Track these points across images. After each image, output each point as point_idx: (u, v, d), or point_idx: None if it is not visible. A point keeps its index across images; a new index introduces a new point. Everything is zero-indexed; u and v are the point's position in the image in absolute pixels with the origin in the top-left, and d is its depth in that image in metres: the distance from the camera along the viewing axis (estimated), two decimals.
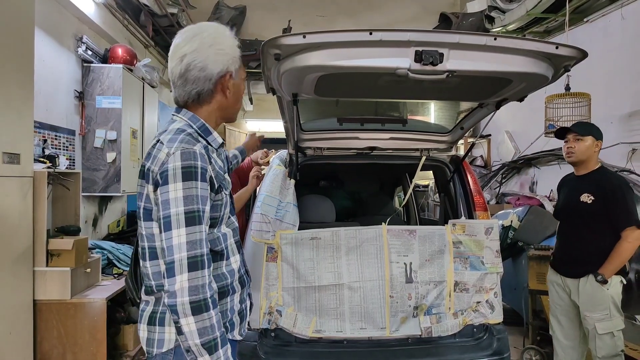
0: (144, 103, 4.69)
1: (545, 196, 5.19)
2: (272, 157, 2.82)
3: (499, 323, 2.50)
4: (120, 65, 4.06)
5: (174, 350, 1.30)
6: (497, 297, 2.52)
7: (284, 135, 2.84)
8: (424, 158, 2.89)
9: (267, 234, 2.41)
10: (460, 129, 2.86)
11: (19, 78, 2.67)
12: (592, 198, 2.65)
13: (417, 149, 3.01)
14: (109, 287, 3.19)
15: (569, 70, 1.88)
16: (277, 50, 1.69)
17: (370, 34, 1.62)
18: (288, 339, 2.37)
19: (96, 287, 3.18)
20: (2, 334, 2.51)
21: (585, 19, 4.86)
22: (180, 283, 1.17)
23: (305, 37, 1.64)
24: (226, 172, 1.46)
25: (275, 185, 2.53)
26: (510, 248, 4.08)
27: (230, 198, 1.49)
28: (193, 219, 1.21)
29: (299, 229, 2.48)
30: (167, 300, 1.19)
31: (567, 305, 2.81)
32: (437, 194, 3.65)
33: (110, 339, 3.16)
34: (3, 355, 2.51)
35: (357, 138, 2.92)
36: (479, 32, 3.58)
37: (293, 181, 2.60)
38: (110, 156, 4.00)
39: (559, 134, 2.84)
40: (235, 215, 1.53)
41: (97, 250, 3.56)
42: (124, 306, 3.56)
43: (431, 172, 3.50)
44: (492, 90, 2.18)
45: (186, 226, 1.20)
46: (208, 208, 1.27)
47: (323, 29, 1.69)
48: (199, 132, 1.37)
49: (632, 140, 4.22)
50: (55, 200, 3.23)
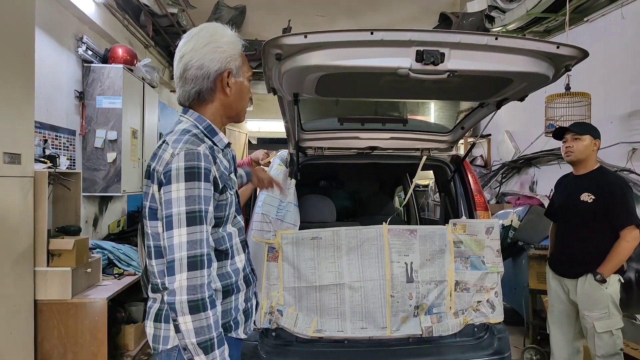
0: (144, 103, 4.69)
1: (546, 196, 5.20)
2: (272, 157, 2.83)
3: (499, 322, 2.50)
4: (121, 65, 4.06)
5: (179, 346, 1.31)
6: (498, 297, 2.52)
7: (284, 135, 2.84)
8: (424, 158, 2.89)
9: (268, 234, 2.41)
10: (460, 129, 2.87)
11: (20, 78, 2.67)
12: (593, 197, 2.65)
13: (417, 149, 3.01)
14: (110, 287, 3.19)
15: (570, 70, 1.89)
16: (278, 50, 1.69)
17: (372, 33, 1.62)
18: (289, 338, 2.37)
19: (97, 287, 3.18)
20: (3, 334, 2.51)
21: (586, 19, 4.86)
22: (179, 282, 1.18)
23: (306, 37, 1.64)
24: (232, 173, 1.46)
25: None
26: (510, 248, 4.08)
27: (237, 198, 1.49)
28: (194, 218, 1.22)
29: (299, 229, 2.48)
30: (166, 298, 1.21)
31: (565, 303, 2.82)
32: (437, 193, 3.66)
33: (111, 339, 3.16)
34: (4, 355, 2.51)
35: (357, 138, 2.92)
36: (480, 32, 3.58)
37: (294, 181, 2.60)
38: (111, 156, 4.00)
39: (557, 135, 2.86)
40: (241, 215, 1.54)
41: (97, 250, 3.56)
42: (124, 306, 3.57)
43: (431, 171, 3.50)
44: (492, 90, 2.18)
45: (187, 226, 1.21)
46: (211, 208, 1.27)
47: (323, 28, 1.69)
48: (205, 132, 1.38)
49: (632, 139, 4.22)
50: (55, 201, 3.23)
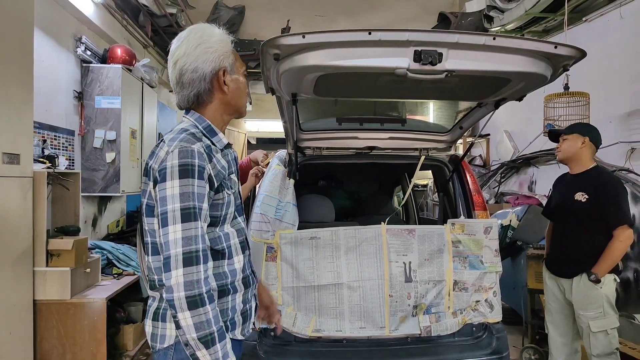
0: (143, 103, 4.69)
1: (544, 195, 5.20)
2: (271, 158, 2.83)
3: (498, 322, 2.50)
4: (119, 66, 4.06)
5: (174, 346, 1.33)
6: (496, 296, 2.52)
7: (283, 135, 2.84)
8: (423, 157, 2.90)
9: (267, 234, 2.41)
10: (459, 129, 2.87)
11: (19, 78, 2.67)
12: (586, 196, 2.67)
13: (416, 149, 3.01)
14: (109, 287, 3.19)
15: (568, 70, 1.89)
16: (276, 50, 1.70)
17: (369, 33, 1.63)
18: (287, 338, 2.37)
19: (96, 287, 3.18)
20: (2, 334, 2.51)
21: (584, 19, 4.86)
22: (175, 278, 1.19)
23: (304, 37, 1.64)
24: (233, 173, 1.47)
25: (274, 185, 2.53)
26: (509, 247, 4.08)
27: (238, 199, 1.49)
28: (189, 215, 1.22)
29: (298, 229, 2.48)
30: (165, 295, 1.21)
31: (561, 303, 2.83)
32: (436, 193, 3.66)
33: (110, 339, 3.16)
34: (3, 355, 2.51)
35: (356, 138, 2.92)
36: (477, 32, 3.59)
37: (292, 181, 2.60)
38: (110, 156, 4.00)
39: (552, 138, 2.92)
40: (243, 216, 1.54)
41: (96, 250, 3.56)
42: (123, 306, 3.57)
43: (430, 171, 3.51)
44: (491, 90, 2.18)
45: (182, 222, 1.22)
46: (206, 205, 1.28)
47: (322, 28, 1.69)
48: (204, 132, 1.40)
49: (630, 139, 4.23)
50: (54, 201, 3.24)
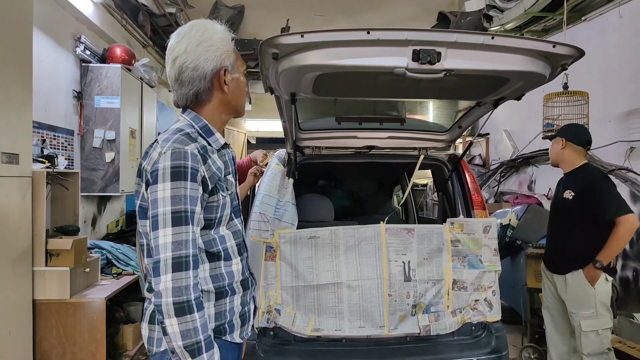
0: (142, 103, 4.69)
1: (544, 195, 5.20)
2: (270, 157, 2.83)
3: (497, 321, 2.51)
4: (119, 65, 4.06)
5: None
6: (495, 295, 2.52)
7: (282, 135, 2.84)
8: (422, 157, 2.90)
9: (266, 233, 2.41)
10: (458, 128, 2.87)
11: (18, 78, 2.67)
12: (573, 194, 2.71)
13: (415, 148, 3.01)
14: (108, 286, 3.19)
15: (566, 69, 1.89)
16: (275, 50, 1.69)
17: (368, 33, 1.62)
18: (287, 337, 2.37)
19: (95, 287, 3.18)
20: (2, 334, 2.51)
21: (583, 18, 4.86)
22: (164, 283, 1.15)
23: (303, 36, 1.64)
24: (230, 174, 1.42)
25: (273, 185, 2.53)
26: (508, 246, 4.08)
27: (235, 200, 1.45)
28: (179, 219, 1.19)
29: (297, 228, 2.48)
30: (153, 300, 1.18)
31: (557, 301, 2.86)
32: (436, 192, 3.66)
33: (109, 339, 3.16)
34: (2, 355, 2.51)
35: (355, 137, 2.92)
36: (476, 31, 3.58)
37: (292, 180, 2.60)
38: (109, 156, 4.00)
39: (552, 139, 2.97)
40: (240, 218, 1.49)
41: (96, 250, 3.56)
42: (123, 306, 3.57)
43: (429, 171, 3.51)
44: (489, 89, 2.18)
45: (172, 226, 1.18)
46: (198, 209, 1.24)
47: (321, 28, 1.69)
48: (200, 132, 1.35)
49: (629, 138, 4.23)
50: (54, 200, 3.23)
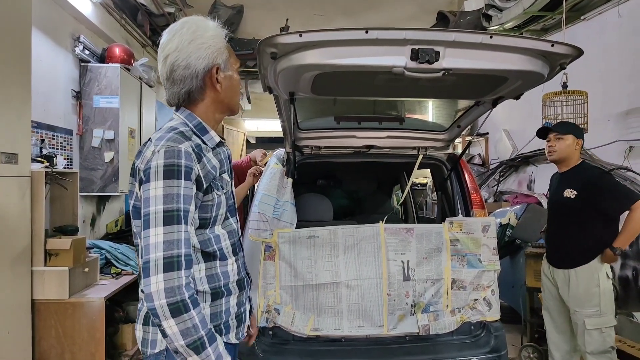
0: (141, 102, 4.69)
1: (543, 194, 5.20)
2: (269, 157, 2.84)
3: (496, 320, 2.50)
4: (118, 65, 4.05)
5: (166, 351, 1.28)
6: (495, 295, 2.52)
7: (281, 135, 2.84)
8: (421, 156, 2.90)
9: (265, 233, 2.41)
10: (457, 127, 2.87)
11: (17, 78, 2.66)
12: (575, 193, 2.71)
13: (414, 147, 3.01)
14: (107, 286, 3.19)
15: (565, 68, 1.89)
16: (273, 49, 1.69)
17: (366, 32, 1.62)
18: (286, 337, 2.37)
19: (94, 287, 3.18)
20: (1, 334, 2.51)
21: (582, 17, 4.87)
22: (155, 284, 1.12)
23: (301, 35, 1.64)
24: (225, 172, 1.40)
25: (272, 184, 2.53)
26: (507, 246, 4.08)
27: (231, 199, 1.44)
28: (171, 217, 1.16)
29: (296, 228, 2.48)
30: (146, 303, 1.15)
31: (558, 300, 2.86)
32: (435, 192, 3.67)
33: (108, 339, 3.16)
34: (1, 355, 2.51)
35: (354, 137, 2.92)
36: (474, 30, 3.58)
37: (290, 180, 2.60)
38: (108, 156, 4.00)
39: (540, 134, 2.91)
40: (236, 217, 1.48)
41: (95, 249, 3.56)
42: (122, 305, 3.56)
43: (429, 170, 3.51)
44: (488, 88, 2.18)
45: (164, 225, 1.15)
46: (192, 207, 1.22)
47: (320, 28, 1.69)
48: (195, 130, 1.33)
49: (629, 138, 4.23)
50: (53, 200, 3.23)
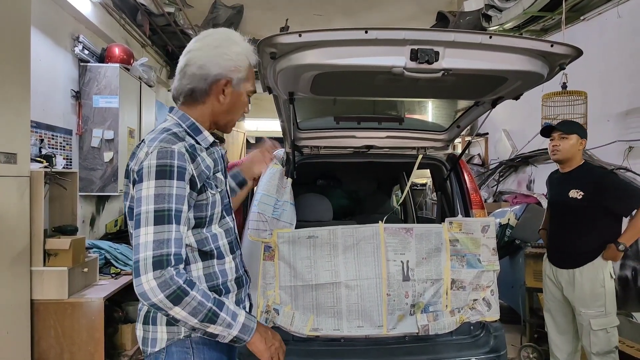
0: (141, 102, 4.69)
1: (543, 194, 5.20)
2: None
3: (495, 320, 2.50)
4: (117, 65, 4.05)
5: (166, 349, 1.30)
6: (494, 295, 2.52)
7: (281, 134, 2.84)
8: (420, 156, 2.90)
9: (264, 233, 2.41)
10: (456, 127, 2.87)
11: (16, 78, 2.66)
12: (582, 193, 2.69)
13: (413, 148, 3.01)
14: (107, 286, 3.19)
15: (564, 69, 1.88)
16: (272, 49, 1.69)
17: (366, 32, 1.62)
18: (285, 337, 2.34)
19: (94, 287, 3.18)
20: (0, 334, 2.51)
21: (582, 18, 4.87)
22: (147, 283, 1.13)
23: (300, 35, 1.64)
24: (219, 172, 1.42)
25: (272, 184, 2.53)
26: (507, 246, 4.09)
27: (226, 198, 1.45)
28: (162, 217, 1.18)
29: (296, 228, 2.48)
30: (145, 302, 1.16)
31: (559, 302, 2.85)
32: (435, 192, 3.67)
33: (108, 339, 3.15)
34: (1, 355, 2.51)
35: (353, 137, 2.92)
36: (474, 31, 3.58)
37: (290, 180, 2.60)
38: (108, 156, 4.00)
39: (545, 132, 2.91)
40: (232, 215, 1.50)
41: (94, 249, 3.56)
42: (121, 305, 3.56)
43: (428, 170, 3.51)
44: (487, 89, 2.18)
45: (154, 224, 1.17)
46: (185, 207, 1.23)
47: (320, 27, 1.69)
48: (188, 130, 1.35)
49: (628, 138, 4.24)
50: (52, 200, 3.23)
